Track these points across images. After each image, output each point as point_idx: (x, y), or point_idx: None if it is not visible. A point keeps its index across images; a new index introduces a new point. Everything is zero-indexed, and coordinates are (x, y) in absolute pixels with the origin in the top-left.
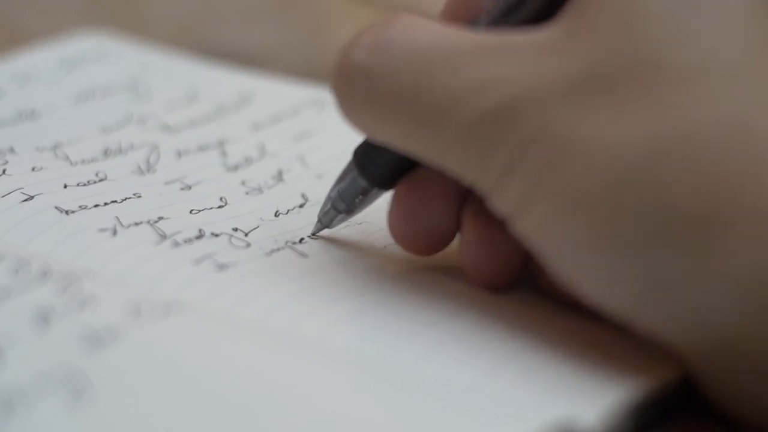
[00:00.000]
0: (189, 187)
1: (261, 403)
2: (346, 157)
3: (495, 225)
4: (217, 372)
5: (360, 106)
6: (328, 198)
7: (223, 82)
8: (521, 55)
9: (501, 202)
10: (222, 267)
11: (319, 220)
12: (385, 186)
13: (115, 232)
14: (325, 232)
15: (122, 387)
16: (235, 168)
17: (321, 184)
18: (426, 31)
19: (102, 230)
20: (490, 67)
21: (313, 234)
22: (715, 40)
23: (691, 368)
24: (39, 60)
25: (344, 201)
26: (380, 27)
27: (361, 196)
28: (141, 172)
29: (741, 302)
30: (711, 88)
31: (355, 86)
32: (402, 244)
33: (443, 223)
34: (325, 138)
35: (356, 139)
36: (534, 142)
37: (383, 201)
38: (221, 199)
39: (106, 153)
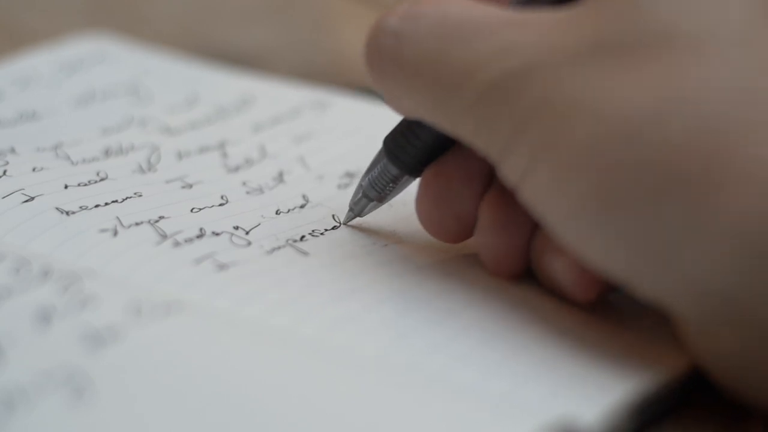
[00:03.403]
0: (190, 186)
1: (261, 403)
2: (347, 158)
3: (511, 210)
4: (218, 372)
5: (387, 70)
6: (359, 187)
7: (224, 84)
8: (539, 27)
9: (509, 168)
10: (222, 266)
11: (351, 209)
12: (415, 173)
13: (115, 233)
14: (357, 221)
15: (123, 386)
16: (236, 169)
17: (322, 186)
18: (457, 5)
19: (103, 231)
20: (508, 36)
21: (345, 223)
22: (721, 13)
23: (694, 341)
24: (40, 63)
25: (375, 189)
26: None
27: (391, 184)
28: (142, 171)
29: (739, 260)
30: (715, 55)
31: (384, 50)
32: (429, 230)
33: (470, 208)
34: (325, 140)
35: (356, 139)
36: (543, 105)
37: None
38: (222, 197)
39: (107, 153)
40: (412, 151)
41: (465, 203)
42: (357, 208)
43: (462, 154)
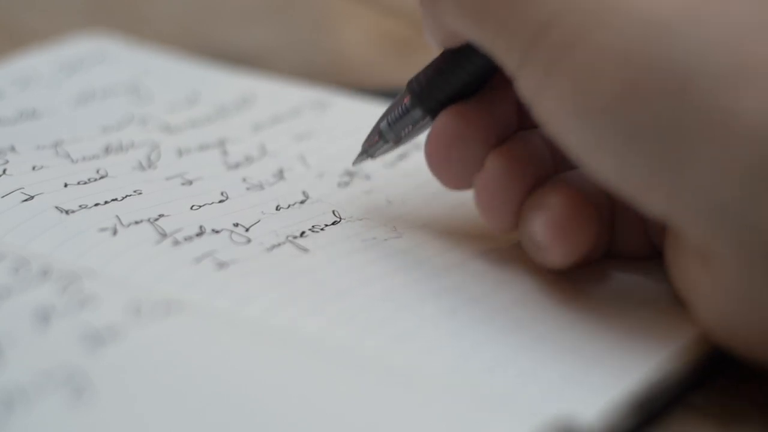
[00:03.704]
0: (190, 183)
1: (261, 403)
2: (346, 157)
3: (518, 163)
4: (218, 372)
5: None
6: (375, 129)
7: (224, 83)
8: None
9: (528, 77)
10: (222, 265)
11: (364, 151)
12: (437, 116)
13: (115, 232)
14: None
15: (123, 386)
16: (236, 166)
17: (322, 183)
18: None
19: (102, 230)
20: None
21: (355, 164)
22: None
23: (696, 271)
24: (40, 63)
25: (393, 131)
26: None
27: (411, 127)
28: (142, 168)
29: (749, 168)
30: None
31: None
32: (433, 168)
33: (477, 154)
34: (326, 139)
35: (356, 138)
36: (562, 10)
37: (384, 201)
38: (222, 193)
39: (107, 150)
40: (438, 94)
41: (475, 148)
42: (371, 150)
43: (485, 104)
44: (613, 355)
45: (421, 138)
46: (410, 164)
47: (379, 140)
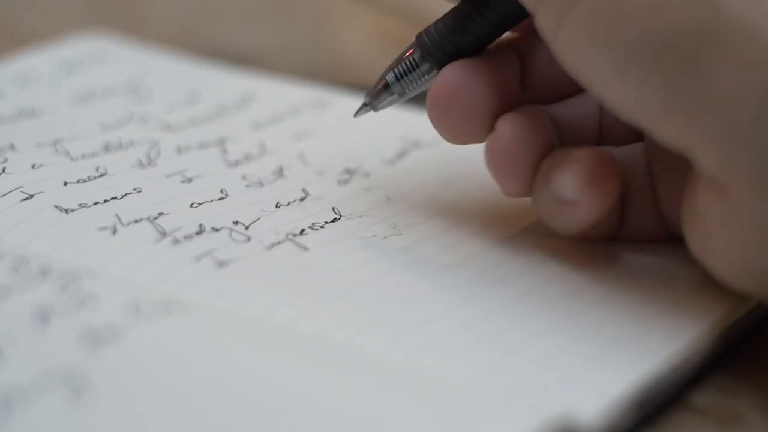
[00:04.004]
0: (189, 180)
1: (261, 403)
2: (346, 155)
3: (534, 125)
4: (217, 371)
5: None
6: (381, 80)
7: (224, 83)
8: None
9: (546, 14)
10: (222, 264)
11: (368, 103)
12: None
13: (115, 231)
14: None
15: (122, 386)
16: (236, 164)
17: (322, 180)
18: None
19: (102, 229)
20: None
21: (356, 115)
22: None
23: (709, 203)
24: (39, 62)
25: (401, 84)
26: None
27: (418, 80)
28: (141, 165)
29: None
30: None
31: None
32: (435, 120)
33: (481, 109)
34: (325, 137)
35: (356, 137)
36: None
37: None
38: (222, 191)
39: (107, 148)
40: (448, 47)
41: (480, 103)
42: (375, 102)
43: (491, 60)
44: (613, 354)
45: (421, 138)
46: (410, 162)
47: (384, 92)
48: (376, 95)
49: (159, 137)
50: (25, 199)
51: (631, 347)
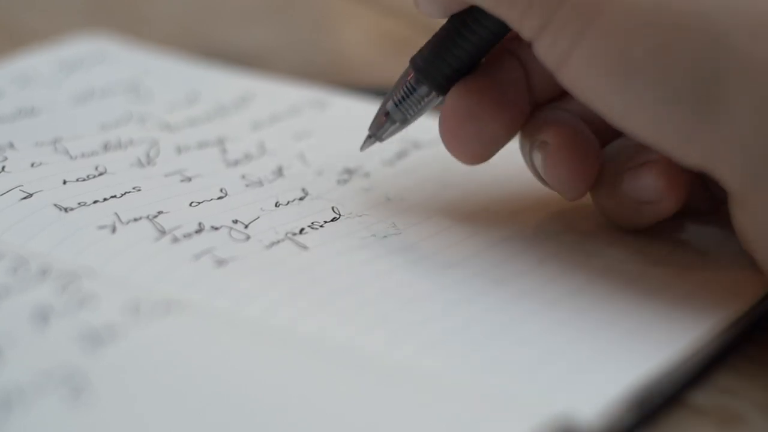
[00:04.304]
0: (189, 179)
1: (261, 403)
2: (346, 156)
3: (582, 136)
4: (217, 371)
5: None
6: (381, 110)
7: (223, 83)
8: None
9: (551, 42)
10: (221, 262)
11: (372, 135)
12: (443, 90)
13: (114, 229)
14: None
15: (122, 386)
16: (235, 163)
17: (321, 180)
18: None
19: (101, 227)
20: None
21: (363, 149)
22: None
23: (739, 212)
24: (39, 62)
25: (401, 110)
26: None
27: (418, 105)
28: (141, 164)
29: None
30: None
31: None
32: (450, 147)
33: (494, 129)
34: (325, 137)
35: (355, 137)
36: None
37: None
38: (221, 190)
39: (106, 147)
40: (443, 67)
41: (493, 124)
42: (379, 132)
43: (493, 77)
44: (612, 354)
45: (421, 138)
46: (409, 162)
47: (386, 121)
48: (379, 125)
49: (158, 137)
50: (25, 198)
51: (630, 347)
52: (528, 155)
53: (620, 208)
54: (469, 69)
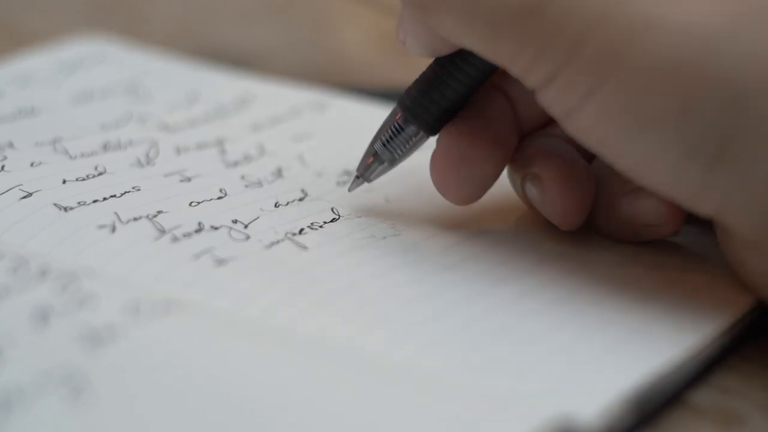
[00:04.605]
0: (188, 179)
1: (261, 403)
2: (345, 157)
3: (572, 165)
4: (217, 371)
5: None
6: (370, 150)
7: (223, 84)
8: None
9: (561, 93)
10: (221, 262)
11: (359, 175)
12: (432, 130)
13: (114, 229)
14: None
15: (122, 386)
16: (235, 164)
17: (321, 182)
18: None
19: (101, 227)
20: None
21: (351, 190)
22: None
23: (745, 257)
24: (39, 63)
25: (388, 150)
26: None
27: (406, 144)
28: (140, 165)
29: None
30: None
31: None
32: (443, 190)
33: (487, 170)
34: (324, 139)
35: (355, 138)
36: (604, 19)
37: (383, 200)
38: (221, 190)
39: (106, 147)
40: (432, 107)
41: (485, 166)
42: (367, 173)
43: (483, 116)
44: (612, 354)
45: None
46: (408, 163)
47: (374, 161)
48: (367, 166)
49: (158, 137)
50: (24, 197)
51: (630, 348)
52: (519, 187)
53: (619, 229)
54: (458, 108)
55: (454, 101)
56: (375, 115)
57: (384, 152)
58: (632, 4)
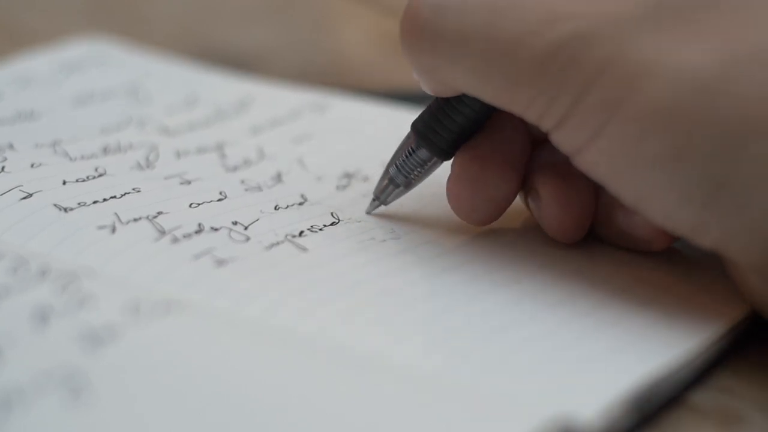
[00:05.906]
0: (188, 182)
1: (261, 403)
2: (345, 160)
3: (570, 180)
4: (217, 371)
5: (426, 42)
6: (385, 174)
7: (223, 87)
8: None
9: (569, 134)
10: (221, 263)
11: (376, 198)
12: (446, 155)
13: (114, 229)
14: (381, 209)
15: (122, 386)
16: (234, 169)
17: (320, 186)
18: None
19: (101, 227)
20: (555, 6)
21: (369, 212)
22: None
23: (753, 287)
24: (39, 64)
25: (403, 174)
26: None
27: (420, 168)
28: (140, 168)
29: None
30: (764, 15)
31: (425, 22)
32: (460, 213)
33: (503, 191)
34: (324, 142)
35: (355, 140)
36: (607, 67)
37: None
38: (221, 192)
39: (106, 150)
40: (444, 133)
41: (501, 187)
42: (383, 196)
43: (496, 137)
44: (612, 354)
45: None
46: None
47: (389, 185)
48: (383, 189)
49: (157, 141)
50: (24, 198)
51: (631, 348)
52: (524, 198)
53: (617, 238)
54: (470, 134)
55: (466, 127)
56: (375, 116)
57: (398, 176)
58: (634, 51)
